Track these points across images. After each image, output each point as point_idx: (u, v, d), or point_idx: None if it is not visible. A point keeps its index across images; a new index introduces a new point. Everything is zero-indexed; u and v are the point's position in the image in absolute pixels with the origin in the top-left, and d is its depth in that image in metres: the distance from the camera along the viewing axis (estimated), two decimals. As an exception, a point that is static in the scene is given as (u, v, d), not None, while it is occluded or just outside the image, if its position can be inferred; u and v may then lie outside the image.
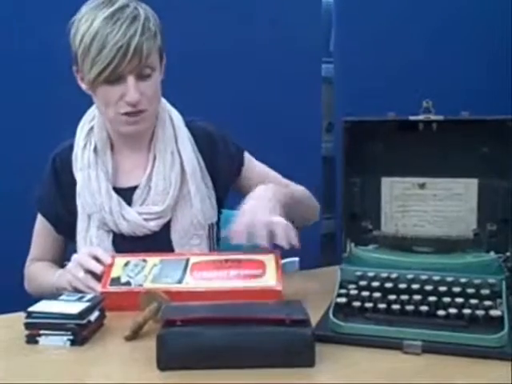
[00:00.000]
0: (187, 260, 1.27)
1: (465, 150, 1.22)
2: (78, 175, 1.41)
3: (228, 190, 1.51)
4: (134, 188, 1.41)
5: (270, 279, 1.20)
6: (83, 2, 1.34)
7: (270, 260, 1.25)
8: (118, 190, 1.41)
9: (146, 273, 1.24)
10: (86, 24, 1.29)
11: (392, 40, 2.47)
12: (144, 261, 1.27)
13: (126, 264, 1.26)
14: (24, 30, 1.99)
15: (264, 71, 2.33)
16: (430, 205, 1.25)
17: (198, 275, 1.23)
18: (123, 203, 1.39)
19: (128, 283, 1.22)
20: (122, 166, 1.44)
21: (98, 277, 1.24)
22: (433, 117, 1.20)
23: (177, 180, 1.40)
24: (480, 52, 2.53)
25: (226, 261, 1.26)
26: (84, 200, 1.40)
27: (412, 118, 1.21)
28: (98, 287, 1.22)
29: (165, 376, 0.94)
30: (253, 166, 1.54)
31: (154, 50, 1.33)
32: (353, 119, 1.23)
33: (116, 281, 1.23)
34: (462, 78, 2.50)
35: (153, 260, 1.27)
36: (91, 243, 1.39)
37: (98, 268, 1.25)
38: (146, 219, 1.38)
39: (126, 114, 1.33)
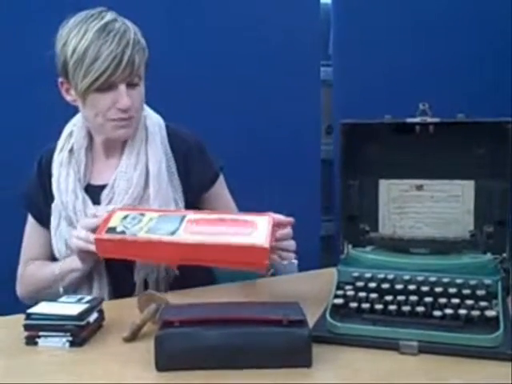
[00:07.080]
0: (184, 216, 1.28)
1: (461, 151, 1.23)
2: (54, 174, 1.46)
3: (199, 196, 1.51)
4: (104, 186, 1.44)
5: (259, 238, 1.19)
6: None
7: (263, 221, 1.24)
8: (89, 187, 1.45)
9: (142, 225, 1.26)
10: (78, 36, 1.32)
11: (390, 43, 2.47)
12: (142, 215, 1.29)
13: (125, 217, 1.29)
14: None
15: (263, 74, 2.33)
16: (427, 206, 1.26)
17: (191, 229, 1.24)
18: (88, 202, 1.42)
19: (123, 233, 1.24)
20: (96, 165, 1.48)
21: None
22: (429, 119, 1.20)
23: (139, 180, 1.42)
24: (476, 55, 2.53)
25: (221, 219, 1.27)
26: (55, 198, 1.44)
27: (409, 120, 1.22)
28: None
29: (163, 377, 0.95)
30: (222, 192, 1.56)
31: (143, 61, 1.38)
32: (350, 122, 1.24)
33: (112, 230, 1.25)
34: (459, 80, 2.50)
35: (151, 214, 1.30)
36: (61, 238, 1.43)
37: (94, 222, 1.28)
38: None
39: (116, 119, 1.37)
